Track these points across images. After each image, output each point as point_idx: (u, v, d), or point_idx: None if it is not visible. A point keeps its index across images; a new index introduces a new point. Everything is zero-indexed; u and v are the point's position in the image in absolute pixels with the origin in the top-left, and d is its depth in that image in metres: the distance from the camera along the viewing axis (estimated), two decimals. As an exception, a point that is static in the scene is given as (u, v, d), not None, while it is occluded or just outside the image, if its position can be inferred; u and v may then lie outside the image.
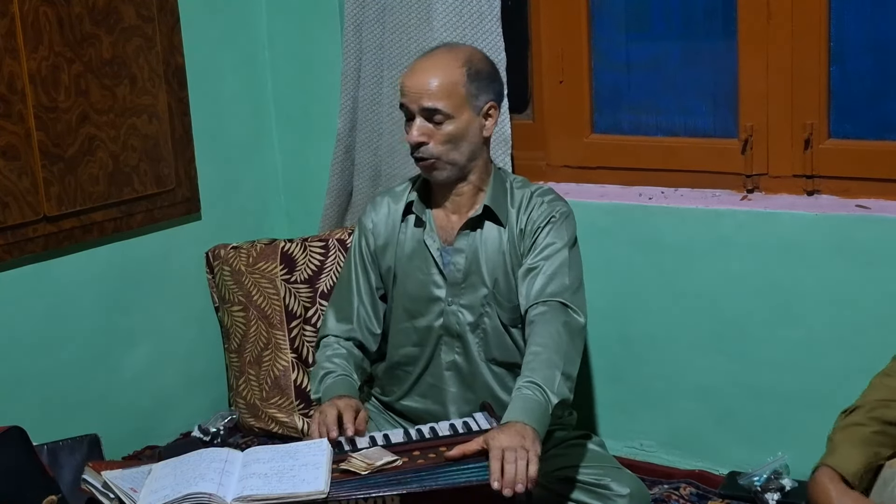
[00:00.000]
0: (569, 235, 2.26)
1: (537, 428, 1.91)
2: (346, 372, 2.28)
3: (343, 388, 2.21)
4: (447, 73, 2.18)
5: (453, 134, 2.19)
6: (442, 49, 2.27)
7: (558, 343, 2.07)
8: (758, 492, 2.47)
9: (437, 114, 2.17)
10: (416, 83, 2.18)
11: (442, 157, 2.20)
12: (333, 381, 2.25)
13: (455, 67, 2.19)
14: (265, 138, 3.23)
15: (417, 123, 2.19)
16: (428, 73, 2.18)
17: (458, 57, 2.21)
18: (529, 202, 2.28)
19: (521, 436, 1.87)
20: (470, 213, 2.28)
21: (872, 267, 2.45)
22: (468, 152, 2.22)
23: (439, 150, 2.19)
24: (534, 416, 1.93)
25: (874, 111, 2.58)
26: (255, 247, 3.00)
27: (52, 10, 2.53)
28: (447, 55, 2.22)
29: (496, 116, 2.26)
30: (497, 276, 2.26)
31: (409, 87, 2.19)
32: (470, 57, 2.23)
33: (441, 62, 2.20)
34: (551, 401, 1.98)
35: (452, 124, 2.18)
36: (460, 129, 2.19)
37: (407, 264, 2.32)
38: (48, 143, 2.55)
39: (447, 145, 2.19)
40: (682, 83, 2.83)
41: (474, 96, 2.20)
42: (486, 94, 2.22)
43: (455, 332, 2.30)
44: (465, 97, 2.18)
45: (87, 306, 2.74)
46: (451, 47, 2.28)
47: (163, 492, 1.85)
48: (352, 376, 2.28)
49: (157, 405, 2.94)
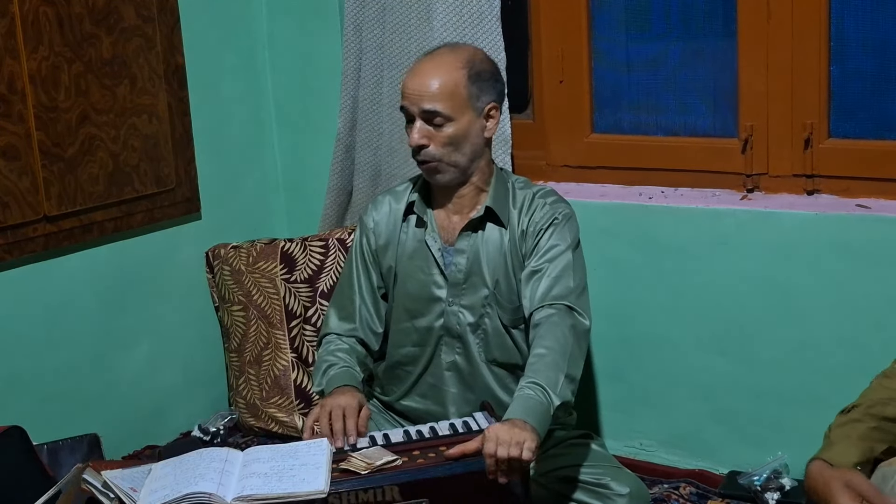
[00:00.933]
0: (572, 237, 2.25)
1: (537, 427, 1.91)
2: (348, 364, 2.27)
3: (346, 378, 2.21)
4: (448, 75, 2.17)
5: (454, 136, 2.18)
6: (443, 49, 2.26)
7: (564, 346, 2.07)
8: (758, 491, 2.47)
9: (438, 116, 2.16)
10: (416, 85, 2.17)
11: (444, 159, 2.19)
12: (336, 372, 2.24)
13: (456, 69, 2.18)
14: (265, 138, 3.23)
15: (418, 126, 2.18)
16: (428, 75, 2.17)
17: (459, 58, 2.20)
18: (532, 203, 2.27)
19: (520, 429, 1.87)
20: (472, 213, 2.27)
21: (872, 267, 2.45)
22: (470, 153, 2.22)
23: (441, 152, 2.18)
24: (534, 416, 1.93)
25: (874, 111, 2.58)
26: (255, 246, 3.00)
27: (52, 10, 2.53)
28: (448, 56, 2.21)
29: (497, 117, 2.25)
30: (498, 277, 2.26)
31: (410, 89, 2.18)
32: (471, 57, 2.22)
33: (442, 63, 2.19)
34: (553, 402, 1.98)
35: (453, 126, 2.17)
36: (461, 131, 2.18)
37: (408, 264, 2.32)
38: (48, 142, 2.55)
39: (448, 147, 2.18)
40: (682, 83, 2.82)
41: (475, 97, 2.19)
42: (487, 95, 2.21)
43: (456, 333, 2.30)
44: (466, 98, 2.17)
45: (87, 306, 2.74)
46: (453, 48, 2.27)
47: (163, 491, 1.85)
48: (354, 368, 2.28)
49: (156, 405, 2.94)
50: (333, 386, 2.19)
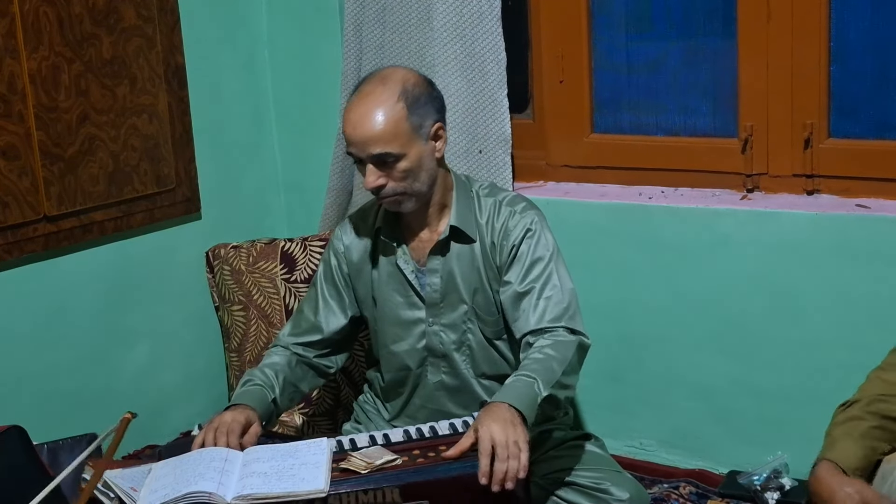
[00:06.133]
0: (551, 245, 2.21)
1: (525, 412, 1.89)
2: (263, 384, 2.23)
3: (249, 398, 2.17)
4: (387, 113, 2.09)
5: (409, 169, 2.13)
6: (373, 84, 2.15)
7: (564, 357, 2.05)
8: (757, 491, 2.47)
9: (389, 157, 2.11)
10: (358, 133, 2.10)
11: (405, 191, 2.15)
12: (246, 389, 2.22)
13: (392, 104, 2.10)
14: (265, 138, 3.23)
15: (370, 169, 2.12)
16: (368, 119, 2.09)
17: (392, 91, 2.11)
18: (499, 212, 2.23)
19: (511, 423, 1.85)
20: (440, 228, 2.24)
21: (872, 266, 2.45)
22: (428, 180, 2.18)
23: (401, 186, 2.14)
24: (523, 402, 1.91)
25: (874, 111, 2.58)
26: (255, 246, 3.00)
27: (52, 10, 2.53)
28: (381, 92, 2.11)
29: (444, 133, 2.20)
30: (475, 292, 2.24)
31: (353, 137, 2.11)
32: (403, 85, 2.13)
33: (377, 102, 2.10)
34: (541, 392, 1.95)
35: (406, 161, 2.12)
36: (415, 163, 2.13)
37: (385, 288, 2.30)
38: (48, 142, 2.55)
39: (406, 181, 2.14)
40: (682, 83, 2.83)
41: (419, 126, 2.13)
42: (429, 118, 2.15)
43: (440, 353, 2.29)
44: (410, 132, 2.11)
45: (87, 306, 2.74)
46: (383, 79, 2.15)
47: (163, 491, 1.85)
48: (271, 390, 2.24)
49: (156, 405, 2.94)
50: (234, 402, 2.16)
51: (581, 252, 2.70)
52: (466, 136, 2.80)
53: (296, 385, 2.33)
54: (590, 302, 2.41)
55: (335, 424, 2.84)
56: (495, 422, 1.85)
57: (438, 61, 2.77)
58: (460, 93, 2.78)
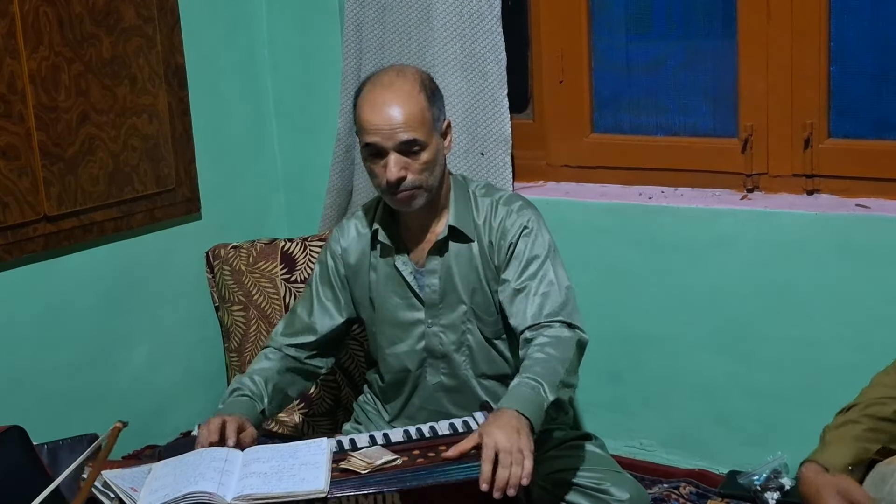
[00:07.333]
0: (547, 243, 2.21)
1: (532, 419, 1.89)
2: (253, 395, 2.23)
3: (237, 409, 2.17)
4: (412, 101, 2.11)
5: (429, 161, 2.13)
6: (390, 76, 2.16)
7: (564, 355, 2.04)
8: (757, 491, 2.47)
9: (416, 144, 2.10)
10: (386, 119, 2.09)
11: (422, 185, 2.14)
12: (234, 400, 2.22)
13: (416, 93, 2.12)
14: (265, 138, 3.23)
15: (395, 159, 2.10)
16: (394, 106, 2.09)
17: (413, 81, 2.14)
18: (496, 213, 2.23)
19: (517, 431, 1.83)
20: (437, 229, 2.24)
21: (872, 267, 2.45)
22: (440, 175, 2.18)
23: (419, 179, 2.13)
24: (530, 408, 1.90)
25: (874, 111, 2.58)
26: (255, 246, 3.01)
27: (52, 10, 2.53)
28: (402, 82, 2.13)
29: (451, 132, 2.23)
30: (474, 292, 2.24)
31: (380, 124, 2.09)
32: (421, 78, 2.16)
33: (401, 91, 2.11)
34: (548, 397, 1.95)
35: (427, 151, 2.12)
36: (433, 155, 2.14)
37: (383, 290, 2.30)
38: (48, 142, 2.55)
39: (424, 173, 2.13)
40: (682, 83, 2.83)
41: (436, 119, 2.15)
42: (442, 113, 2.19)
43: (439, 354, 2.29)
44: (430, 122, 2.13)
45: (87, 306, 2.74)
46: (399, 71, 2.18)
47: (163, 491, 1.85)
48: (260, 400, 2.24)
49: (156, 405, 2.94)
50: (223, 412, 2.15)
51: (581, 252, 2.70)
52: (466, 136, 2.80)
53: (284, 391, 2.33)
54: (590, 302, 2.41)
55: (335, 424, 2.84)
56: (501, 429, 1.83)
57: (438, 61, 2.77)
58: (460, 93, 2.78)
